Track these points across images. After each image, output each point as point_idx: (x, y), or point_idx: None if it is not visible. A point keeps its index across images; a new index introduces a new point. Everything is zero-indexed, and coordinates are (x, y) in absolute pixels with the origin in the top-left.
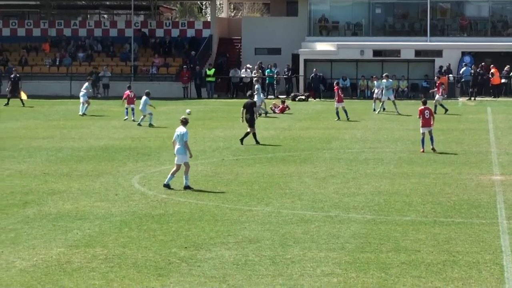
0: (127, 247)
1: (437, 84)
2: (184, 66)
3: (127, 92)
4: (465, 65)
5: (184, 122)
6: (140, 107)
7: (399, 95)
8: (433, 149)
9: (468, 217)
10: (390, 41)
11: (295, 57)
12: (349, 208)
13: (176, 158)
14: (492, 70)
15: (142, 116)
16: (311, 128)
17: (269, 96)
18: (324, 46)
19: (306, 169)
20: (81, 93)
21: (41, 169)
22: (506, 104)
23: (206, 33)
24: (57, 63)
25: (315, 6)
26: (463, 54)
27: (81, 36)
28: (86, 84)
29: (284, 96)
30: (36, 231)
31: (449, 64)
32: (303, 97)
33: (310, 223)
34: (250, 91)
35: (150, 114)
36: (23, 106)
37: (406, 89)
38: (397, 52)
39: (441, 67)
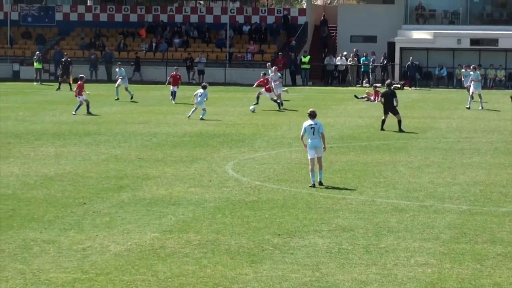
0: (221, 233)
1: None
2: (279, 53)
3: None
4: None
5: (312, 115)
6: (198, 99)
7: (496, 84)
8: None
9: None
10: (488, 30)
11: (391, 45)
12: (444, 198)
13: (310, 152)
14: None
15: (194, 108)
16: (406, 117)
17: (364, 84)
18: (420, 35)
19: (401, 158)
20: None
21: (136, 154)
22: None
23: (301, 20)
24: (153, 49)
25: None
26: None
27: (177, 22)
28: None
29: (380, 84)
30: (130, 216)
31: None
32: (399, 85)
33: (405, 213)
34: (389, 79)
35: (204, 110)
36: (71, 90)
37: (503, 78)
38: (495, 41)
39: None
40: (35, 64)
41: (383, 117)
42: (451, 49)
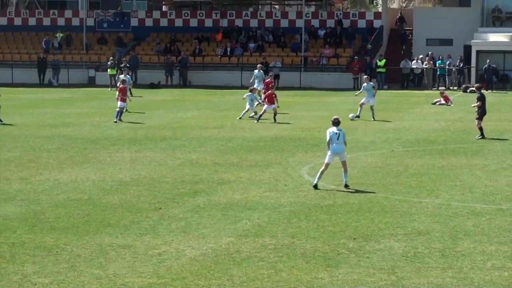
0: (296, 237)
1: None
2: (355, 57)
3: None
4: None
5: (336, 123)
6: (248, 102)
7: None
8: None
9: None
10: None
11: (467, 48)
12: None
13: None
14: None
15: (245, 111)
16: (484, 120)
17: (440, 88)
18: (497, 37)
19: (477, 162)
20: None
21: (211, 159)
22: None
23: (377, 24)
24: (228, 54)
25: None
26: None
27: (252, 27)
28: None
29: (443, 88)
30: (206, 220)
31: None
32: (474, 88)
33: (481, 216)
34: (478, 84)
35: (255, 112)
36: (131, 95)
37: None
38: None
39: None
40: (109, 70)
41: (479, 125)
42: None
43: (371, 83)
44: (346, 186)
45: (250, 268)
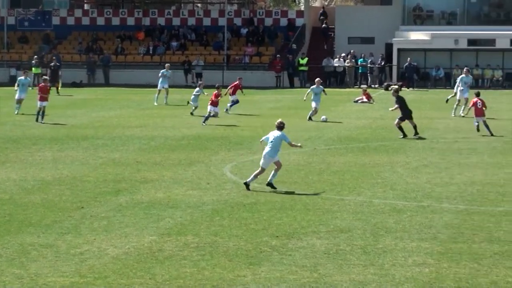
0: (219, 236)
1: None
2: (277, 56)
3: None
4: None
5: (280, 127)
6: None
7: (494, 84)
8: (492, 135)
9: None
10: (485, 30)
11: (389, 47)
12: (441, 198)
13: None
14: None
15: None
16: None
17: (362, 86)
18: (418, 36)
19: (399, 159)
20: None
21: (134, 158)
22: None
23: (299, 22)
24: (151, 52)
25: None
26: None
27: (175, 25)
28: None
29: (365, 86)
30: (128, 219)
31: None
32: (396, 86)
33: (402, 213)
34: (396, 86)
35: (195, 107)
36: (58, 94)
37: (500, 78)
38: (492, 41)
39: None
40: (33, 69)
41: (400, 123)
42: (448, 50)
43: (321, 87)
44: (268, 184)
45: (172, 267)
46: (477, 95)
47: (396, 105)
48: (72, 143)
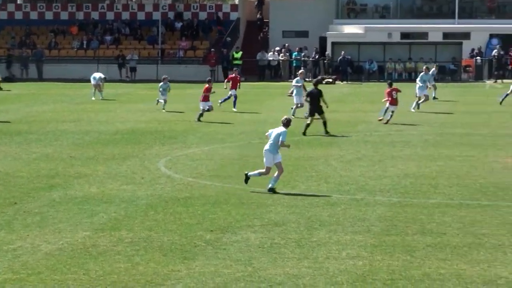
0: (153, 231)
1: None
2: (211, 49)
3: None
4: (499, 47)
5: (284, 124)
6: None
7: None
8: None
9: (494, 200)
10: (418, 23)
11: (323, 40)
12: (375, 191)
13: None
14: None
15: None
16: (337, 111)
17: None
18: (351, 29)
19: (333, 152)
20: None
21: (67, 153)
22: None
23: (233, 16)
24: (84, 47)
25: None
26: (491, 36)
27: (109, 19)
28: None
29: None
30: (62, 215)
31: (480, 47)
32: (330, 79)
33: (336, 206)
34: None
35: (164, 100)
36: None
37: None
38: (424, 34)
39: (472, 49)
40: None
41: (308, 121)
42: (382, 43)
43: (302, 80)
44: (269, 189)
45: (106, 262)
46: (390, 85)
47: (307, 97)
48: (5, 138)
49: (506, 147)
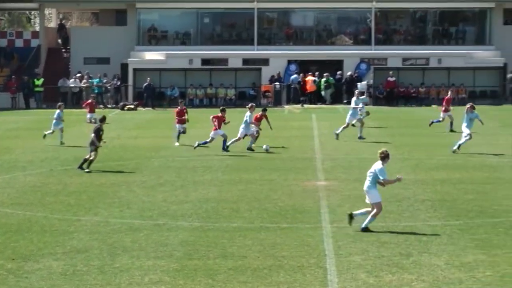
0: None
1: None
2: (12, 77)
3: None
4: (296, 73)
5: (383, 157)
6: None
7: (227, 103)
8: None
9: (294, 222)
10: (218, 50)
11: (124, 66)
12: (177, 216)
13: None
14: (309, 78)
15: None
16: (140, 137)
17: (100, 106)
18: (153, 55)
19: (135, 178)
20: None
21: None
22: (330, 111)
23: (34, 43)
24: None
25: (144, 15)
26: (289, 62)
27: None
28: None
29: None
30: None
31: (279, 72)
32: (132, 106)
33: (139, 232)
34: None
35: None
36: None
37: (233, 97)
38: (225, 60)
39: (272, 76)
40: None
41: (92, 157)
42: (183, 69)
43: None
44: (363, 229)
45: None
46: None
47: (93, 134)
48: None
49: (305, 170)
